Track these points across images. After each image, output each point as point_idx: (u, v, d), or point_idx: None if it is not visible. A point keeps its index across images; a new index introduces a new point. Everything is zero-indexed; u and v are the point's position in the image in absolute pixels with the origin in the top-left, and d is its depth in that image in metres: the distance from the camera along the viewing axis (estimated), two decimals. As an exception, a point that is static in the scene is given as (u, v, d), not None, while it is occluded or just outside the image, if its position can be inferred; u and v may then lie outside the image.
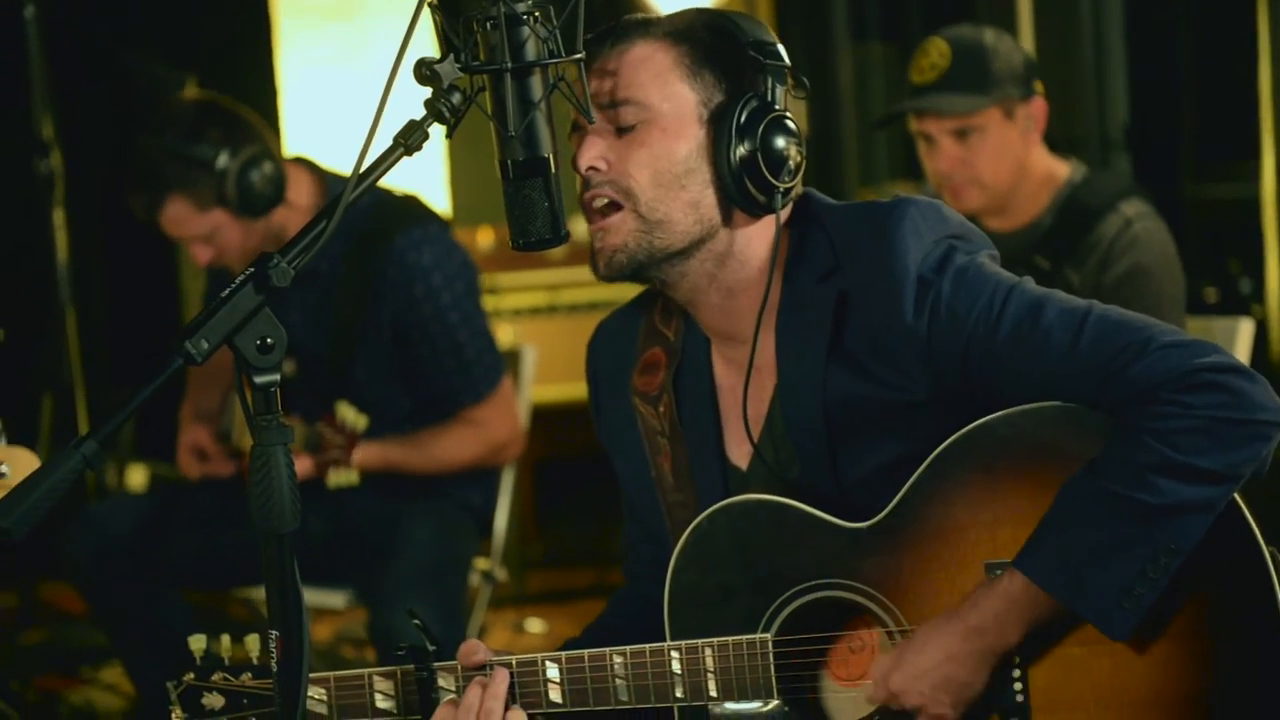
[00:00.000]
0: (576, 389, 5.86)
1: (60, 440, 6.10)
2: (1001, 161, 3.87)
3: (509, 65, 2.12)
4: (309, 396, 3.97)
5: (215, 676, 2.48)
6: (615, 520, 6.40)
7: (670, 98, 2.38)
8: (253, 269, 2.02)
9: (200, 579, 4.25)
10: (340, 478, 3.84)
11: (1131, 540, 2.21)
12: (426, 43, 5.98)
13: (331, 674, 2.47)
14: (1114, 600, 2.22)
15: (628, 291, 6.12)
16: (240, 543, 4.13)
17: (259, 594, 4.34)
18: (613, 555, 6.10)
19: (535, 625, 5.74)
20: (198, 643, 2.48)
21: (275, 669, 2.06)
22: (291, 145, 5.90)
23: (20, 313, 5.83)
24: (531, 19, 2.12)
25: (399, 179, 4.31)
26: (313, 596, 4.21)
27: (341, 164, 4.22)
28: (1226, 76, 5.77)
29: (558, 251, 6.08)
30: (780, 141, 2.37)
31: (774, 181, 2.37)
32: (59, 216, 5.32)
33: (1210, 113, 5.92)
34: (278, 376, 2.03)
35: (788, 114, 2.39)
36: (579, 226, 2.49)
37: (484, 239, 6.29)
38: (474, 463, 4.12)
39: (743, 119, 2.36)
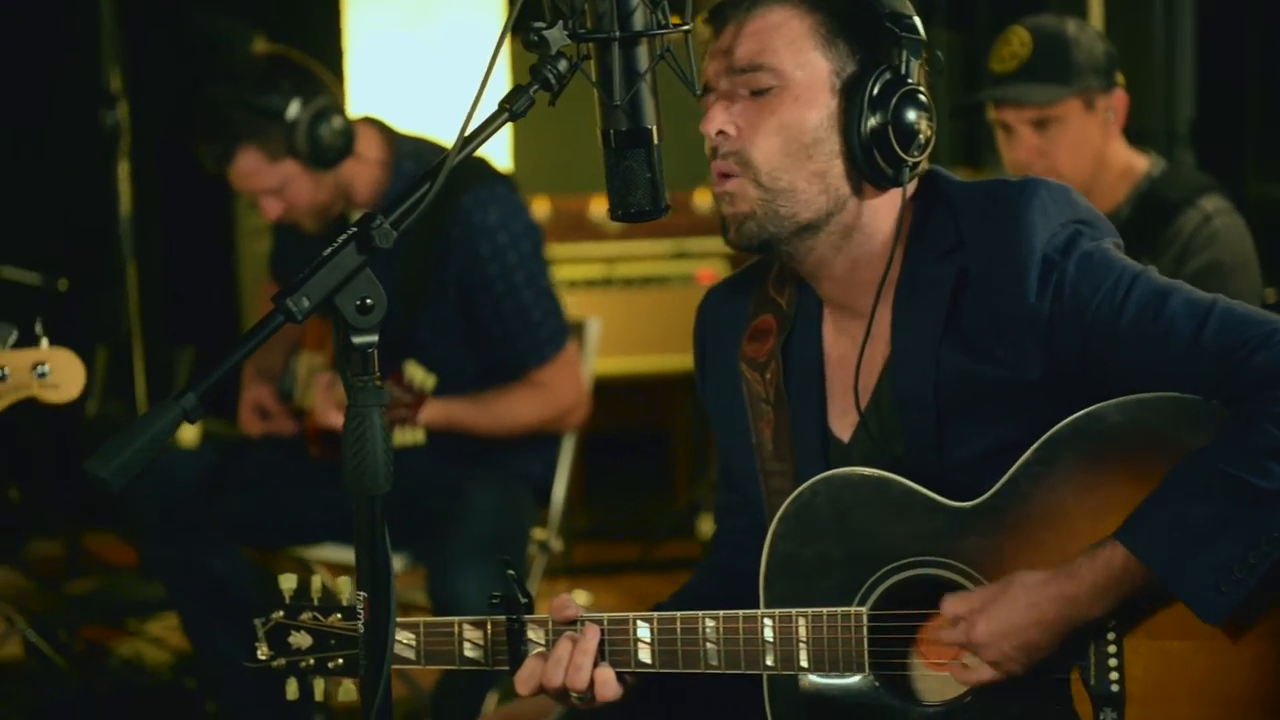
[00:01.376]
0: (628, 362, 5.92)
1: (113, 392, 6.12)
2: (1080, 153, 3.85)
3: (617, 34, 2.11)
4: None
5: (304, 616, 2.49)
6: (661, 496, 6.46)
7: (804, 65, 2.38)
8: (355, 228, 2.02)
9: (258, 536, 4.25)
10: (405, 436, 3.84)
11: (1237, 522, 2.19)
12: (488, 8, 5.95)
13: (421, 619, 2.48)
14: (1211, 582, 2.20)
15: (687, 269, 6.11)
16: (299, 502, 4.14)
17: (313, 553, 4.35)
18: (658, 531, 6.12)
19: (580, 597, 5.73)
20: (288, 582, 2.49)
21: (361, 630, 2.06)
22: (355, 108, 5.89)
23: (81, 263, 5.84)
24: (641, -11, 2.11)
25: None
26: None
27: (404, 127, 4.23)
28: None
29: (615, 225, 6.08)
30: (912, 115, 2.36)
31: (903, 155, 2.36)
32: (124, 169, 5.34)
33: (1276, 111, 5.89)
34: (376, 338, 2.03)
35: (921, 88, 2.38)
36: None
37: (540, 208, 6.29)
38: (538, 425, 4.11)
39: (875, 91, 2.36)
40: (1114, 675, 2.30)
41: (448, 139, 4.28)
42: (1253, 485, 2.19)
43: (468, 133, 2.08)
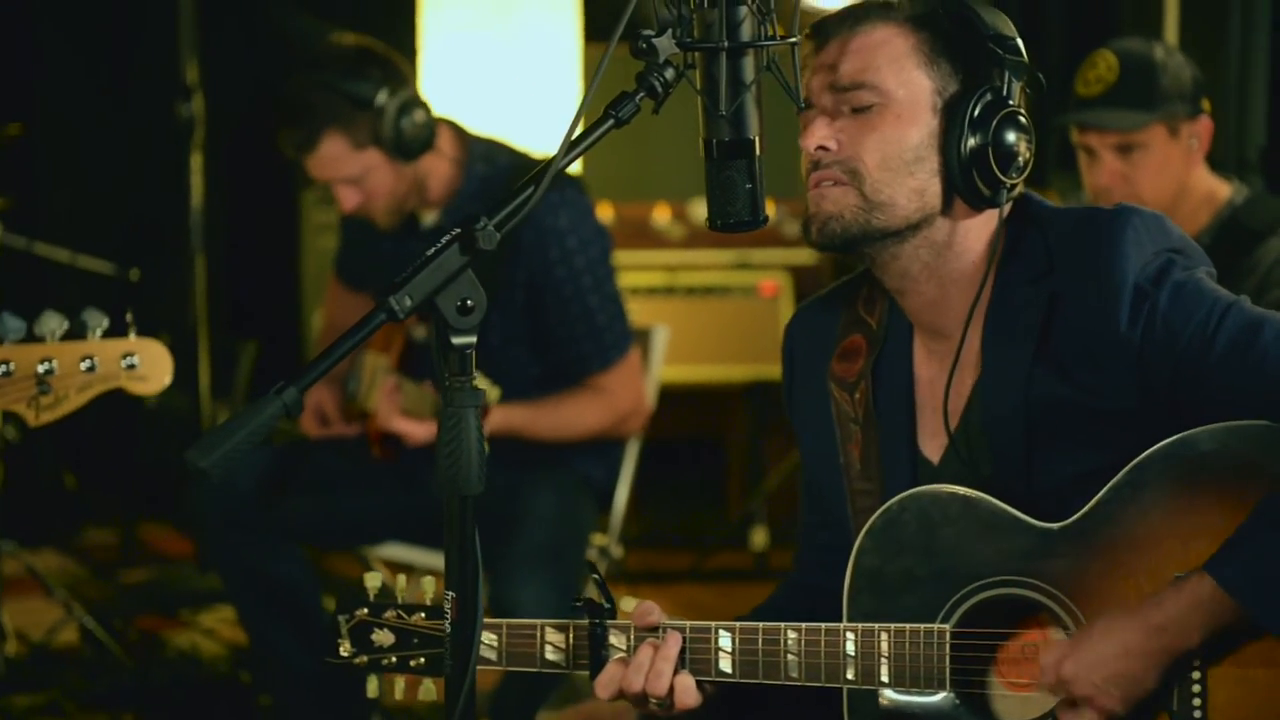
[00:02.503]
0: (686, 371, 5.92)
1: (174, 383, 6.14)
2: (1163, 179, 3.83)
3: (725, 44, 2.11)
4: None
5: (388, 614, 2.49)
6: (715, 506, 6.45)
7: (906, 84, 2.38)
8: (459, 229, 2.03)
9: (319, 536, 4.26)
10: None
11: None
12: (565, 8, 5.95)
13: (505, 621, 2.49)
14: None
15: (749, 280, 6.10)
16: (360, 503, 4.14)
17: (373, 552, 4.36)
18: (710, 541, 6.11)
19: (630, 604, 5.73)
20: (373, 580, 2.50)
21: (448, 630, 2.07)
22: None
23: (150, 253, 5.87)
24: (749, 0, 2.11)
25: (530, 147, 4.32)
26: (429, 558, 4.22)
27: (477, 128, 4.23)
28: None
29: (678, 232, 6.08)
30: (1012, 137, 2.36)
31: (1002, 177, 2.37)
32: (196, 161, 5.36)
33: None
34: (474, 339, 2.04)
35: (1021, 110, 2.38)
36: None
37: (604, 215, 6.30)
38: (598, 431, 4.11)
39: (976, 112, 2.36)
40: (1197, 702, 2.29)
41: (520, 141, 4.30)
42: None
43: (573, 138, 2.09)
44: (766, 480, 6.04)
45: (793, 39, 2.15)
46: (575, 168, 6.15)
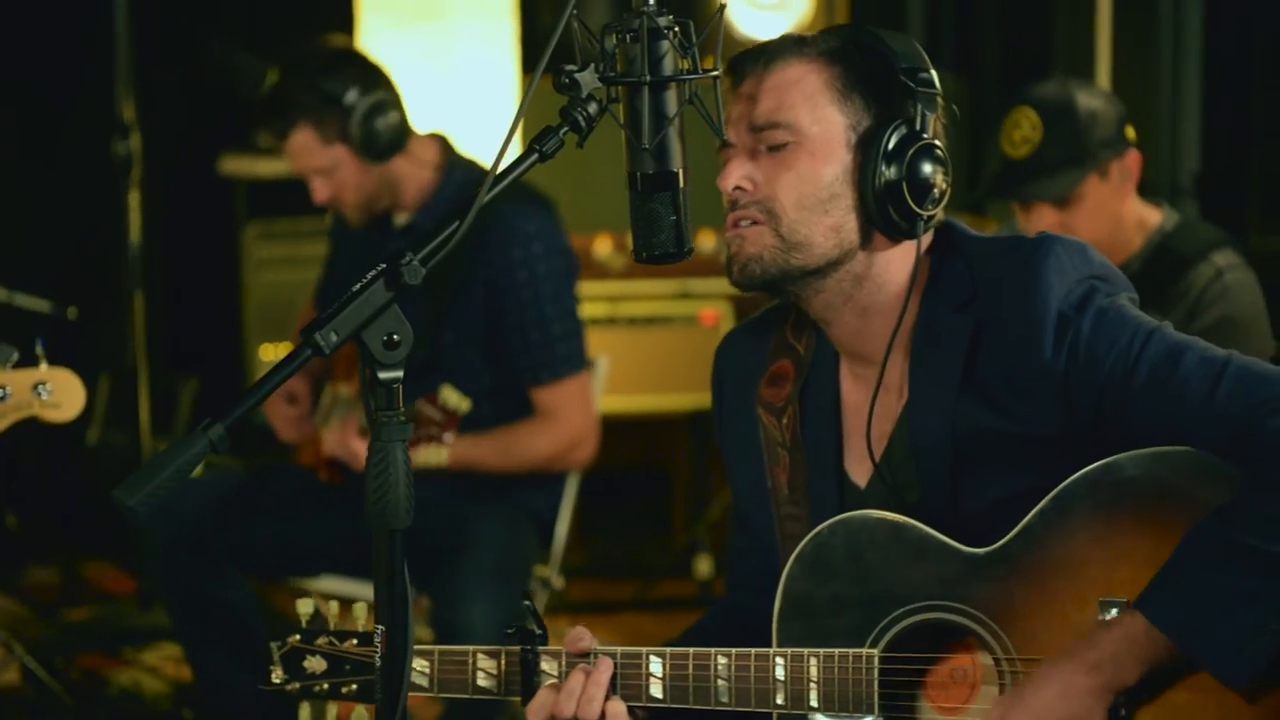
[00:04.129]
0: (629, 401, 5.93)
1: (114, 421, 6.13)
2: (1100, 221, 3.84)
3: (648, 78, 2.13)
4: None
5: (320, 640, 2.50)
6: (659, 535, 6.45)
7: (820, 121, 2.40)
8: (385, 265, 2.04)
9: (263, 566, 4.26)
10: (430, 456, 3.85)
11: (1257, 592, 2.21)
12: (504, 43, 5.97)
13: (437, 647, 2.49)
14: (1233, 649, 2.22)
15: (690, 310, 6.11)
16: (304, 532, 4.15)
17: (313, 585, 4.35)
18: (655, 570, 6.11)
19: (576, 634, 5.73)
20: (305, 606, 2.51)
21: (379, 664, 2.08)
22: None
23: (88, 291, 5.85)
24: (672, 34, 2.13)
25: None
26: (368, 591, 4.21)
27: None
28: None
29: (619, 263, 6.09)
30: (927, 169, 2.38)
31: (917, 209, 2.38)
32: (134, 198, 5.36)
33: (1280, 165, 5.92)
34: (401, 374, 2.05)
35: (936, 142, 2.40)
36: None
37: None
38: (548, 459, 4.13)
39: (890, 145, 2.38)
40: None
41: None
42: (1271, 554, 2.21)
43: (498, 172, 2.10)
44: (710, 509, 6.05)
45: (714, 73, 2.17)
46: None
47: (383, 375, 2.04)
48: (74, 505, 6.29)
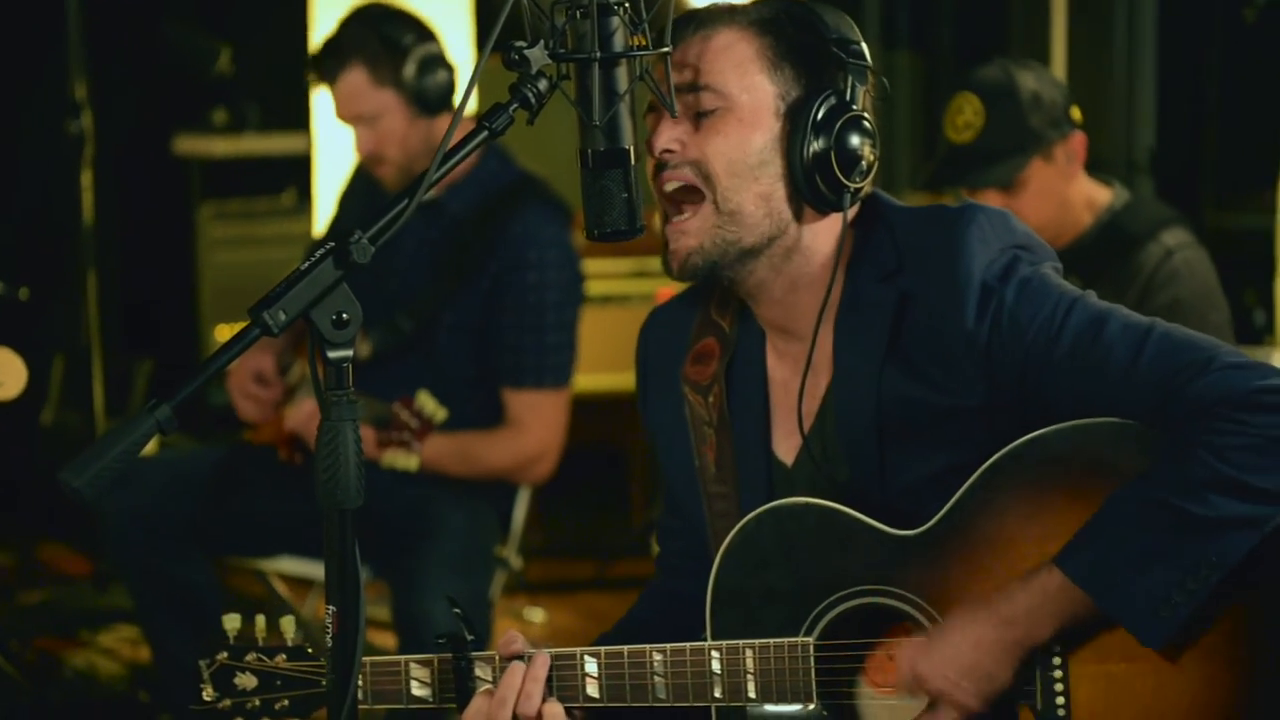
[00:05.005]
0: (586, 380, 5.88)
1: (68, 402, 6.10)
2: (1046, 203, 3.84)
3: (598, 55, 2.12)
4: (388, 357, 3.98)
5: (249, 657, 2.46)
6: (617, 514, 6.45)
7: (749, 89, 2.38)
8: (333, 244, 2.02)
9: (226, 545, 4.24)
10: (399, 460, 3.81)
11: (1174, 550, 2.21)
12: (458, 20, 5.95)
13: (368, 659, 2.44)
14: (1150, 607, 2.22)
15: (647, 288, 6.10)
16: (264, 512, 4.13)
17: (270, 565, 4.34)
18: (613, 549, 6.11)
19: (535, 615, 5.73)
20: (232, 622, 2.46)
21: (330, 644, 2.06)
22: (322, 119, 5.89)
23: (41, 272, 5.82)
24: (621, 10, 2.12)
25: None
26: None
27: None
28: (1253, 108, 5.79)
29: (576, 241, 6.09)
30: (855, 140, 2.37)
31: (845, 181, 2.37)
32: (87, 178, 5.33)
33: (1234, 142, 5.94)
34: (351, 352, 2.03)
35: (865, 114, 2.39)
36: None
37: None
38: (505, 473, 4.12)
39: (819, 116, 2.37)
40: (1060, 700, 2.32)
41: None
42: (1189, 513, 2.21)
43: (447, 149, 2.09)
44: (668, 488, 6.05)
45: (665, 49, 2.17)
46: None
47: (332, 355, 2.02)
48: (29, 487, 6.26)
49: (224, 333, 6.33)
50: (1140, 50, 5.66)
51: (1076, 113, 3.93)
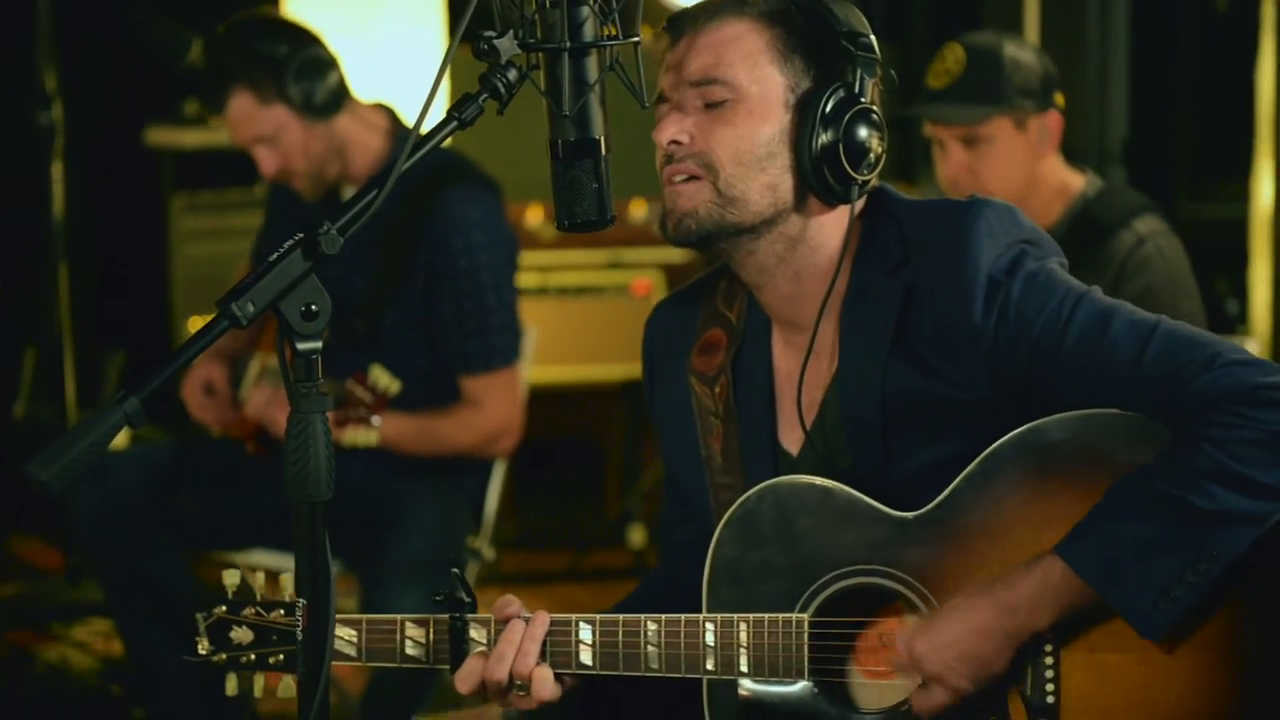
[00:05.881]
0: (561, 371, 5.92)
1: (40, 395, 6.07)
2: (1009, 171, 3.87)
3: (567, 45, 2.11)
4: (338, 351, 3.97)
5: (246, 611, 2.47)
6: (592, 506, 6.45)
7: (759, 80, 2.39)
8: (302, 235, 2.02)
9: (198, 538, 4.23)
10: (359, 436, 3.83)
11: (1175, 541, 2.22)
12: (430, 11, 5.94)
13: (364, 616, 2.48)
14: (1150, 599, 2.24)
15: (622, 279, 6.10)
16: (235, 506, 4.12)
17: (243, 558, 4.33)
18: (588, 540, 6.11)
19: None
20: (231, 577, 2.49)
21: (300, 636, 2.06)
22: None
23: (11, 264, 5.80)
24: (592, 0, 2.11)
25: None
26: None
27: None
28: (1225, 97, 5.80)
29: (550, 233, 6.08)
30: (863, 133, 2.38)
31: (853, 173, 2.38)
32: (57, 169, 5.30)
33: (1207, 132, 5.96)
34: (320, 344, 2.03)
35: (874, 107, 2.40)
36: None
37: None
38: (468, 449, 4.10)
39: (828, 108, 2.38)
40: (1050, 687, 2.32)
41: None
42: (1192, 505, 2.22)
43: (417, 138, 2.08)
44: (643, 479, 6.05)
45: (635, 38, 2.16)
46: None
47: (301, 346, 2.02)
48: (1, 481, 6.24)
49: (197, 324, 6.27)
50: (1112, 40, 5.67)
51: (1060, 99, 3.96)
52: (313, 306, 2.02)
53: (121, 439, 5.52)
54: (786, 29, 2.41)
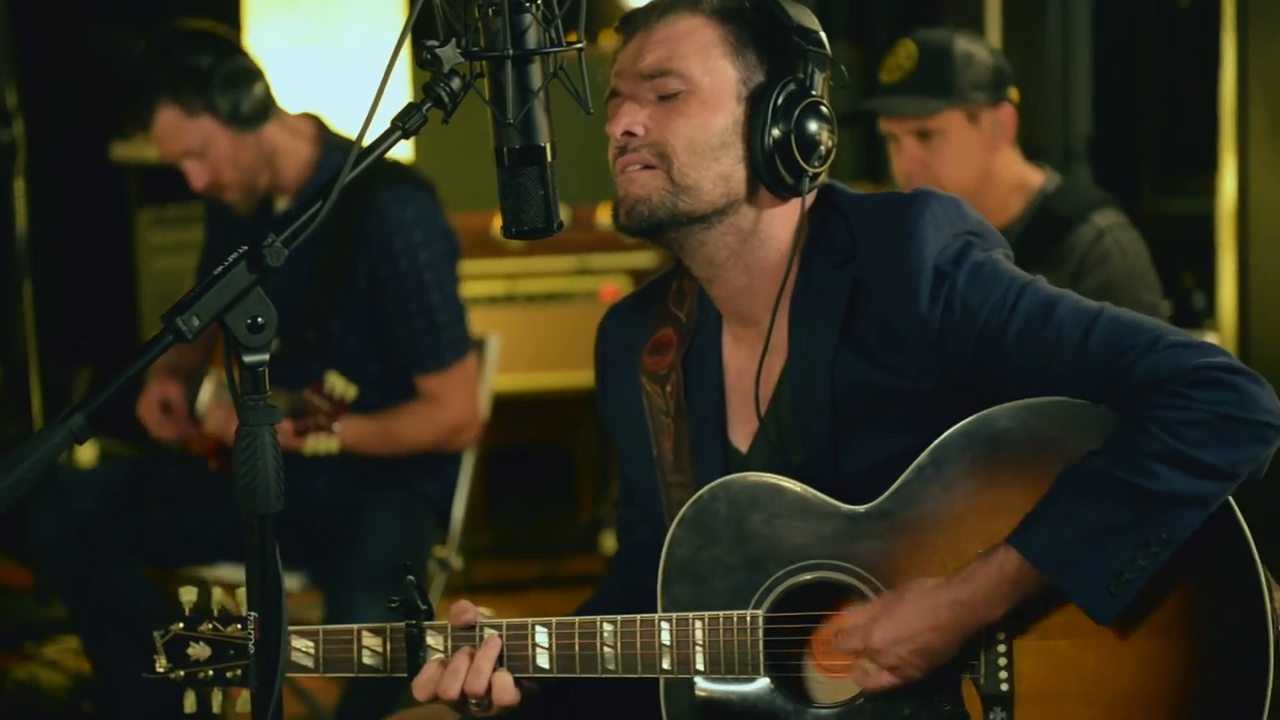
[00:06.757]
0: (531, 379, 5.91)
1: (6, 412, 6.05)
2: (963, 165, 3.89)
3: (510, 53, 2.11)
4: (291, 362, 3.96)
5: (203, 627, 2.48)
6: (565, 513, 6.44)
7: (711, 72, 2.42)
8: (246, 248, 2.01)
9: (159, 554, 4.22)
10: (320, 445, 3.82)
11: (1125, 525, 2.24)
12: (391, 20, 5.93)
13: (321, 627, 2.48)
14: (1102, 584, 2.25)
15: (590, 286, 6.09)
16: (198, 521, 4.11)
17: (210, 573, 4.31)
18: (561, 548, 6.11)
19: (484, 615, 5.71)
20: (188, 594, 2.49)
21: (252, 650, 2.05)
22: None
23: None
24: (534, 6, 2.11)
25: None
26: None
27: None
28: (1189, 91, 5.81)
29: (517, 241, 6.08)
30: (814, 126, 2.41)
31: (804, 165, 2.41)
32: (19, 186, 5.29)
33: (1171, 127, 5.97)
34: (267, 356, 2.02)
35: (824, 101, 2.43)
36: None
37: (443, 225, 6.27)
38: (431, 445, 4.09)
39: (780, 101, 2.41)
40: (1003, 675, 2.34)
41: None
42: (1140, 487, 2.24)
43: (362, 148, 2.07)
44: (615, 485, 6.04)
45: (578, 45, 2.16)
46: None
47: (248, 359, 2.01)
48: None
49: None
50: (1075, 38, 5.67)
51: (1014, 93, 3.97)
52: (259, 319, 2.01)
53: (90, 455, 5.53)
54: (739, 25, 2.44)
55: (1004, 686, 2.33)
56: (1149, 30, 5.97)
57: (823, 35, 2.46)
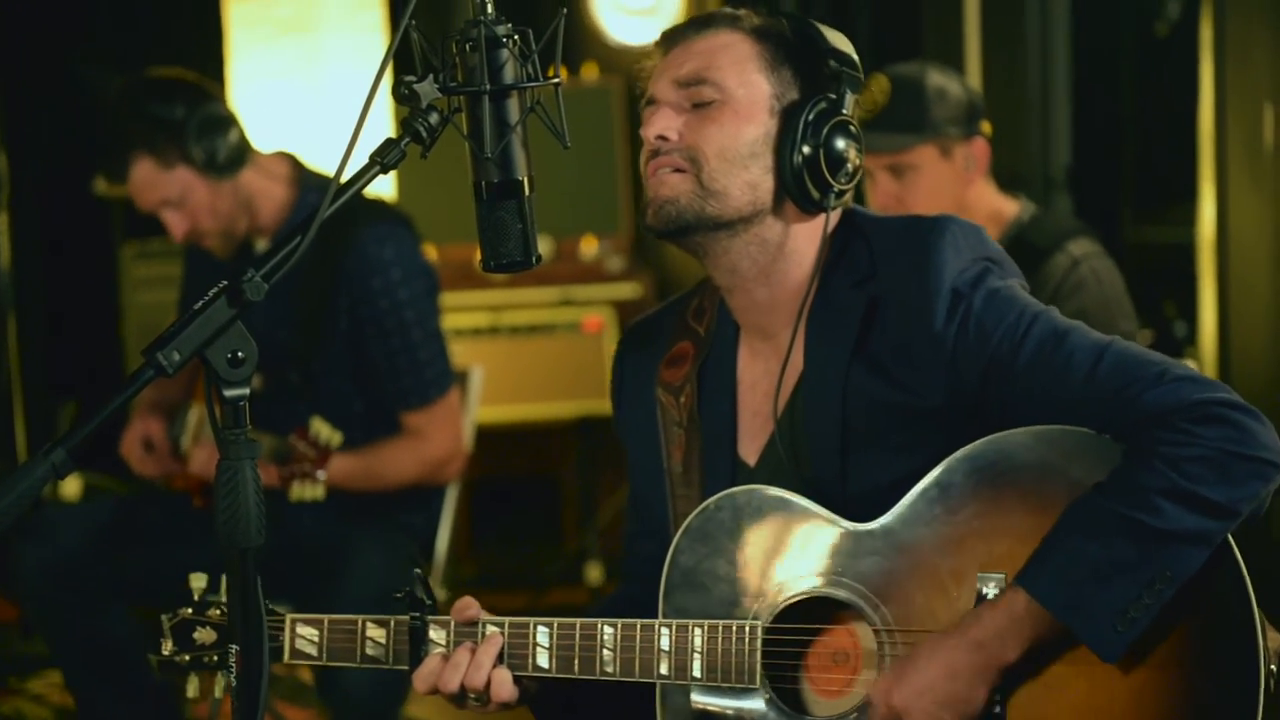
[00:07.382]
0: (515, 410, 5.92)
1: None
2: (936, 199, 3.92)
3: (487, 88, 2.13)
4: (274, 402, 3.96)
5: (212, 611, 2.54)
6: (549, 544, 6.45)
7: (746, 85, 2.49)
8: (226, 282, 2.02)
9: (147, 594, 4.20)
10: (305, 492, 3.81)
11: (1131, 562, 2.27)
12: (373, 56, 5.95)
13: (325, 616, 2.52)
14: (1109, 623, 2.28)
15: (573, 317, 6.10)
16: (184, 560, 4.09)
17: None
18: (546, 579, 6.11)
19: (467, 646, 5.72)
20: (198, 581, 2.55)
21: (234, 683, 2.06)
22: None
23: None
24: (511, 42, 2.13)
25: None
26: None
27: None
28: (1168, 121, 5.84)
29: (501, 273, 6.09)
30: (842, 144, 2.47)
31: (831, 180, 2.46)
32: (3, 220, 5.30)
33: (1151, 156, 5.99)
34: (247, 391, 2.03)
35: (853, 121, 2.49)
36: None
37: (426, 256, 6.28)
38: (415, 480, 4.09)
39: (811, 117, 2.47)
40: (996, 697, 2.35)
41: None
42: (1146, 524, 2.27)
43: (340, 183, 2.09)
44: (599, 515, 6.06)
45: (555, 80, 2.18)
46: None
47: (229, 394, 2.02)
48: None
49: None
50: (1054, 68, 5.70)
51: (987, 127, 4.00)
52: (239, 353, 2.02)
53: (74, 490, 5.52)
54: (776, 43, 2.51)
55: (996, 709, 2.35)
56: (1128, 60, 6.00)
57: (857, 60, 2.53)
